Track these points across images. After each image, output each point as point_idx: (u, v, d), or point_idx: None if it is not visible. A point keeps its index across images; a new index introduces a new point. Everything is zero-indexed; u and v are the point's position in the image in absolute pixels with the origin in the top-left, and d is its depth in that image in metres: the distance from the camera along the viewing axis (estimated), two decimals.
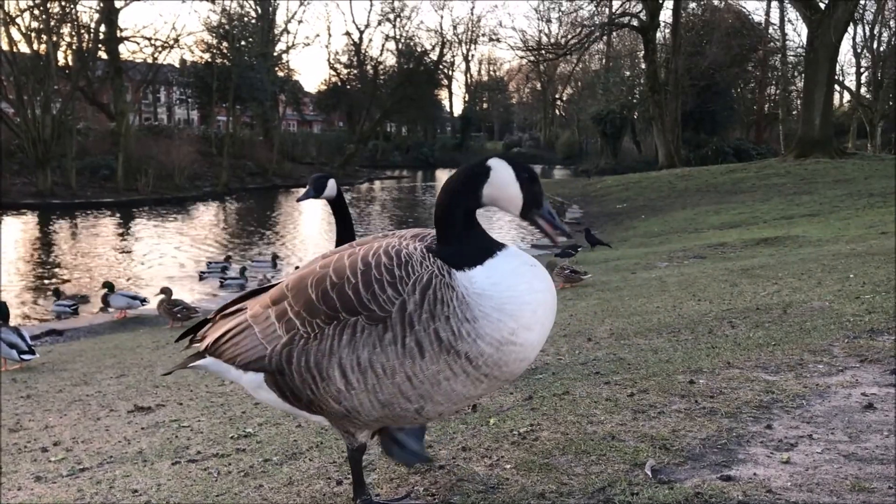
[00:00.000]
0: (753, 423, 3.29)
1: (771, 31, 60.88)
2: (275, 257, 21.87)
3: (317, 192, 4.72)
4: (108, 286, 14.04)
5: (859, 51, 61.83)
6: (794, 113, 59.01)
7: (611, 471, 2.86)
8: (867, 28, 58.19)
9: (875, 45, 59.36)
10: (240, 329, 2.72)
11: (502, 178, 2.42)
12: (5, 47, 41.22)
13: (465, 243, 2.43)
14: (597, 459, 2.98)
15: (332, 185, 4.69)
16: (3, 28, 41.36)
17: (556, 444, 3.20)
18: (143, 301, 13.96)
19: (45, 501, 3.51)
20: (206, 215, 39.77)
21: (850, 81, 64.12)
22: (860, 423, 3.23)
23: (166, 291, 12.69)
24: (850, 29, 49.81)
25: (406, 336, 2.34)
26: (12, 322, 10.08)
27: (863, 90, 62.70)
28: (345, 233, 4.76)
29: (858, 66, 63.36)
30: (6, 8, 41.39)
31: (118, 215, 36.99)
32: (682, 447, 3.04)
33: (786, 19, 59.14)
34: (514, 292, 2.34)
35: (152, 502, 3.23)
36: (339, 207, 4.76)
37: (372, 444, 3.05)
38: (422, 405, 2.43)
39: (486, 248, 2.43)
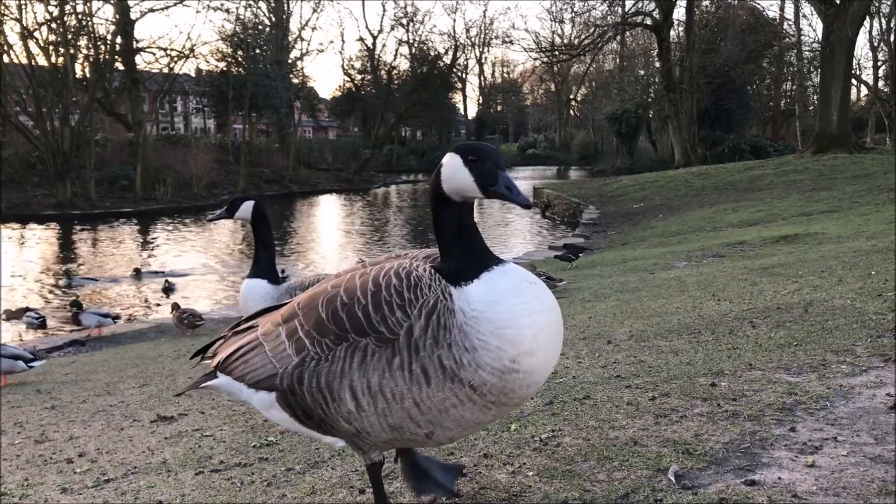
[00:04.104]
0: (777, 425, 3.27)
1: (786, 26, 60.47)
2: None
3: (228, 213, 4.85)
4: (76, 304, 14.03)
5: (876, 44, 61.31)
6: (810, 109, 58.52)
7: (634, 477, 2.85)
8: (884, 21, 57.62)
9: (892, 38, 58.62)
10: (250, 347, 2.71)
11: (450, 167, 2.39)
12: (24, 61, 41.73)
13: (461, 254, 2.40)
14: (619, 465, 2.97)
15: (246, 207, 4.83)
16: (21, 42, 41.93)
17: (578, 450, 3.19)
18: (116, 318, 14.05)
19: None
20: (224, 223, 39.96)
21: (868, 75, 63.77)
22: (885, 424, 3.19)
23: (176, 307, 13.00)
24: (866, 22, 49.33)
25: (413, 362, 2.32)
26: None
27: (880, 84, 62.11)
28: (263, 258, 4.82)
29: (875, 59, 62.80)
30: (24, 22, 41.95)
31: (137, 225, 37.29)
32: (705, 452, 3.03)
33: (800, 14, 58.47)
34: (512, 314, 2.28)
35: None
36: (258, 231, 4.84)
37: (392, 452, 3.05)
38: (431, 430, 2.41)
39: (482, 260, 2.40)
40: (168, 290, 20.01)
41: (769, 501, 2.54)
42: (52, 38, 42.95)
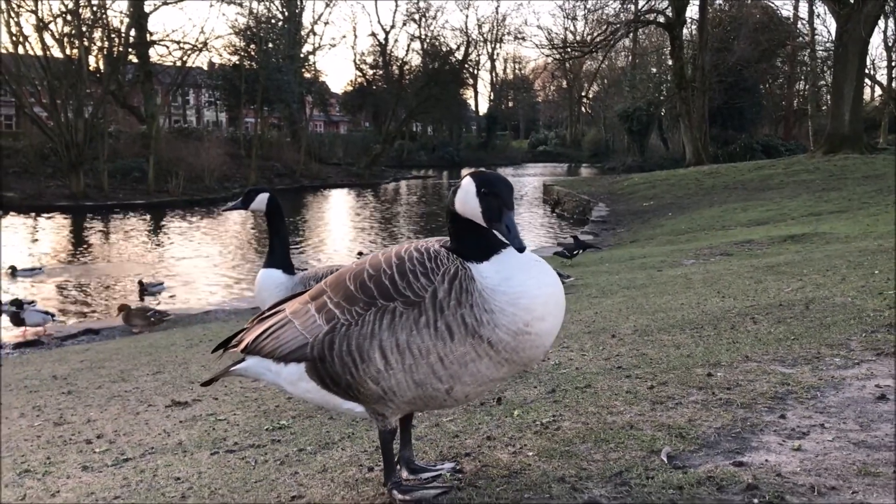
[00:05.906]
0: (768, 413, 3.41)
1: (799, 25, 60.27)
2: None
3: (244, 204, 4.95)
4: (17, 304, 13.91)
5: (890, 45, 61.02)
6: (823, 108, 58.35)
7: (628, 457, 3.00)
8: None
9: None
10: (280, 324, 2.92)
11: (465, 192, 2.60)
12: (39, 52, 42.12)
13: (472, 240, 2.65)
14: (615, 447, 3.12)
15: (261, 199, 4.92)
16: (36, 33, 42.30)
17: (577, 433, 3.34)
18: (54, 316, 14.22)
19: (93, 488, 3.72)
20: (235, 216, 40.20)
21: (881, 76, 63.43)
22: (872, 412, 3.33)
23: (124, 308, 13.19)
24: (881, 22, 49.15)
25: (437, 320, 2.56)
26: None
27: (894, 84, 61.83)
28: (277, 249, 4.93)
29: (890, 59, 62.53)
30: (40, 14, 42.30)
31: (149, 217, 37.60)
32: (697, 435, 3.17)
33: (814, 14, 58.38)
34: (524, 287, 2.55)
35: (194, 488, 3.40)
36: (272, 222, 4.94)
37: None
38: (451, 385, 2.64)
39: (491, 245, 2.64)
40: (144, 291, 17.95)
41: (754, 480, 2.68)
42: (66, 30, 43.39)
